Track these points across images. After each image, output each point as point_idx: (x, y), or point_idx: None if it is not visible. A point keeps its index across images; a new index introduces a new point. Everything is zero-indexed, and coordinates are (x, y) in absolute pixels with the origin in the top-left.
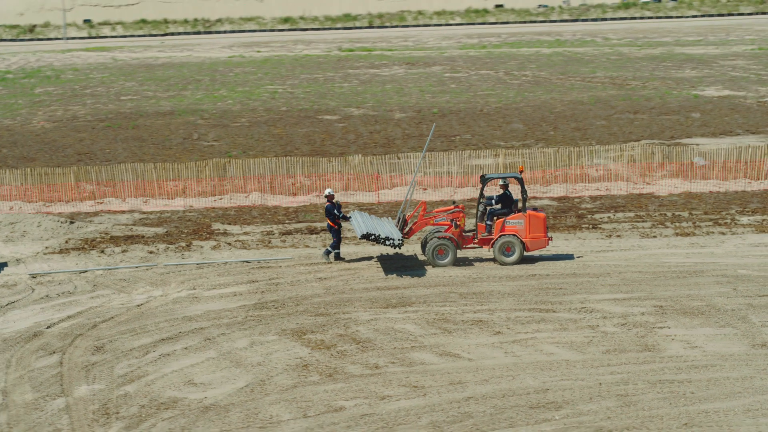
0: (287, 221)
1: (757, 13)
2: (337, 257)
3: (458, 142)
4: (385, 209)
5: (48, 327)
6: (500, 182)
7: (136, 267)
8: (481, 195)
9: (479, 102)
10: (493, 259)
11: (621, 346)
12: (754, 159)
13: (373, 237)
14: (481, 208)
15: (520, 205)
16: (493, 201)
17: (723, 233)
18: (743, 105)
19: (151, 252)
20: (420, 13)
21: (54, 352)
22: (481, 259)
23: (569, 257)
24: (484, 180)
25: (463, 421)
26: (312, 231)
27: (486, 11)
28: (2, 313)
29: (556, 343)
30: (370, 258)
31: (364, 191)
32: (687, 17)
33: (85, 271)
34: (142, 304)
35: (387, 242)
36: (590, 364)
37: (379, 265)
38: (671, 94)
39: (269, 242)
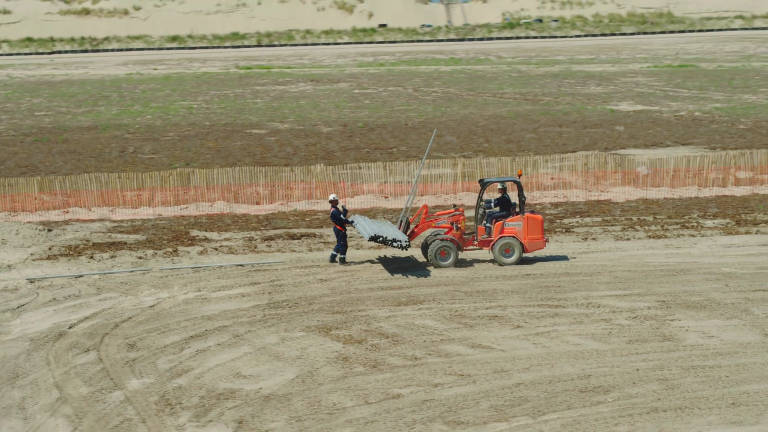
0: (262, 228)
1: (638, 33)
2: (342, 261)
3: (397, 153)
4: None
5: (70, 327)
6: (498, 186)
7: (132, 271)
8: (480, 198)
9: (401, 117)
10: (492, 260)
11: (641, 336)
12: (702, 167)
13: (381, 239)
14: (480, 211)
15: (518, 208)
16: (492, 204)
17: (693, 236)
18: (661, 119)
19: (140, 257)
20: (308, 32)
21: (88, 350)
22: (477, 261)
23: (555, 258)
24: (484, 184)
25: (521, 405)
26: (292, 237)
27: (373, 30)
28: (16, 315)
29: (578, 335)
30: (362, 261)
31: (327, 199)
32: (571, 37)
33: (82, 276)
34: (153, 306)
35: (394, 244)
36: (619, 353)
37: (376, 267)
38: (587, 109)
39: (255, 247)
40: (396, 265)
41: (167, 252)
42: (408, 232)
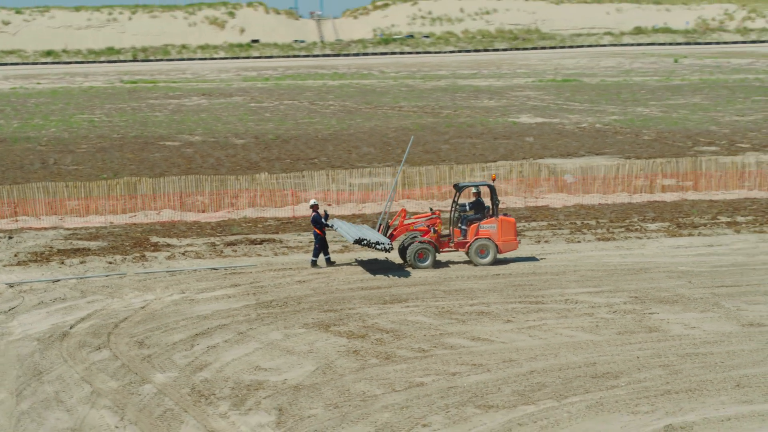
0: (219, 234)
1: (511, 49)
2: (314, 264)
3: (319, 163)
4: (302, 222)
5: (71, 327)
6: (473, 190)
7: (107, 275)
8: (455, 202)
9: (308, 129)
10: (465, 261)
11: (628, 328)
12: (630, 174)
13: (365, 242)
14: (455, 214)
15: (491, 211)
16: (467, 207)
17: (639, 238)
18: (565, 130)
19: (110, 263)
20: (183, 46)
21: (99, 348)
22: (451, 262)
23: (518, 260)
24: (459, 188)
25: (541, 390)
26: (253, 242)
27: (249, 45)
28: (11, 317)
29: (568, 327)
30: (332, 264)
31: (273, 207)
32: (446, 52)
33: (59, 280)
34: (144, 307)
35: (378, 246)
36: (614, 343)
37: (349, 269)
38: (489, 121)
39: (221, 252)
40: (369, 267)
41: (136, 257)
42: (387, 235)
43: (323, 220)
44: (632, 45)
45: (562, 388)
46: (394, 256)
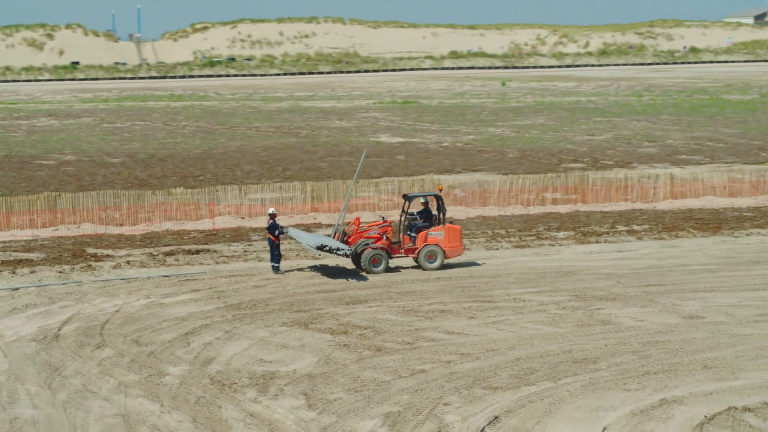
0: (150, 245)
1: (335, 72)
2: (276, 270)
3: (205, 180)
4: (226, 234)
5: (59, 329)
6: (421, 200)
7: (64, 283)
8: (403, 211)
9: (177, 148)
10: (413, 267)
11: (584, 322)
12: (524, 189)
13: (327, 248)
14: (405, 222)
15: (439, 219)
16: (416, 216)
17: (552, 245)
18: (430, 149)
19: (60, 272)
20: (8, 68)
21: (100, 347)
22: (400, 267)
23: (451, 265)
24: (409, 198)
25: (534, 374)
26: (189, 252)
27: (74, 67)
28: None
29: (529, 322)
30: (278, 271)
31: (190, 220)
32: (272, 75)
33: (18, 288)
34: (118, 311)
35: (339, 252)
36: (578, 334)
37: (298, 275)
38: (353, 141)
39: (164, 261)
40: (320, 272)
41: (83, 267)
42: (343, 242)
43: (278, 228)
44: (453, 68)
45: (551, 371)
46: (340, 262)
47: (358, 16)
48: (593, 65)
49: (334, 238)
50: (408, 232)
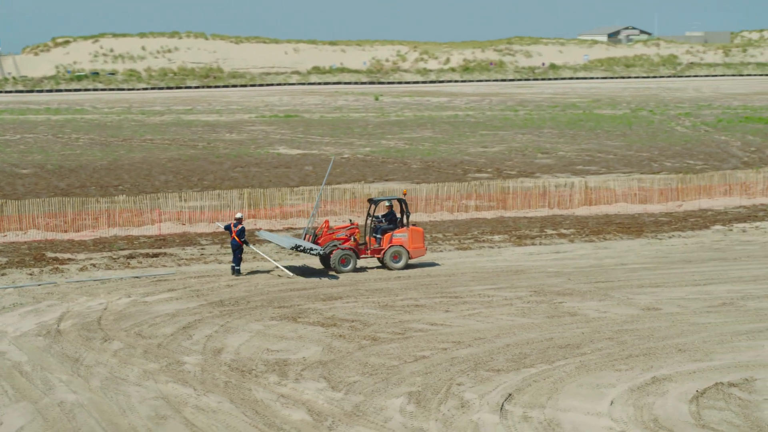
0: (105, 250)
1: (204, 87)
2: (237, 272)
3: (127, 189)
4: (175, 239)
5: (57, 325)
6: (386, 203)
7: (39, 284)
8: (368, 215)
9: (81, 160)
10: (377, 267)
11: (552, 313)
12: (449, 196)
13: (301, 248)
14: (371, 224)
15: (403, 222)
16: (382, 219)
17: (491, 247)
18: (328, 160)
19: (30, 274)
20: None
21: (107, 340)
22: (365, 268)
23: (408, 266)
24: (375, 202)
25: (527, 358)
26: (149, 255)
27: None
28: None
29: (502, 314)
30: (239, 274)
31: (134, 226)
32: (140, 89)
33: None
34: (106, 308)
35: (312, 251)
36: (552, 324)
37: (265, 276)
38: (253, 152)
39: (128, 264)
40: (277, 273)
41: (52, 269)
42: (314, 243)
43: (243, 232)
44: (320, 84)
45: (542, 356)
46: (308, 262)
47: (219, 31)
48: (457, 81)
49: (304, 239)
50: (374, 234)
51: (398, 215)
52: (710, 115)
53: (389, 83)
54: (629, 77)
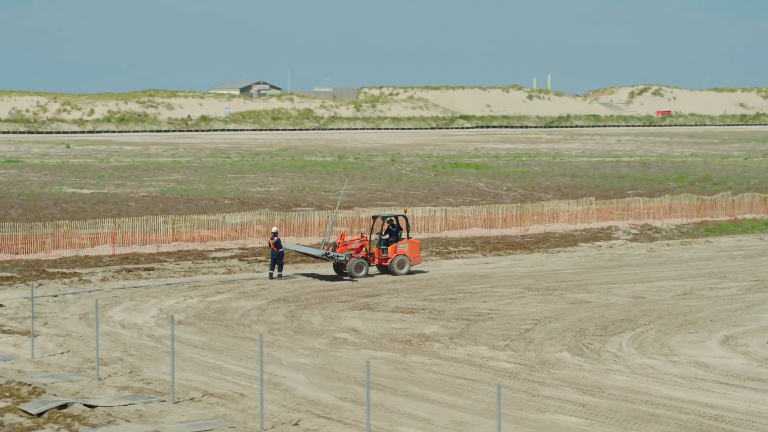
0: (91, 266)
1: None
2: (280, 276)
3: (63, 215)
4: (140, 257)
5: (174, 315)
6: (388, 219)
7: (90, 291)
8: (372, 230)
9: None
10: (379, 274)
11: (569, 301)
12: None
13: (329, 256)
14: (376, 238)
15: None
16: (386, 233)
17: (432, 260)
18: (143, 198)
19: (65, 283)
20: None
21: (228, 326)
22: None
23: (370, 276)
24: (383, 218)
25: (610, 326)
26: (145, 269)
27: None
28: (102, 315)
29: (528, 304)
30: (276, 277)
31: (84, 248)
32: None
33: (57, 296)
34: (189, 306)
35: (339, 258)
36: (581, 309)
37: (289, 280)
38: (49, 191)
39: (140, 275)
40: (287, 281)
41: (78, 280)
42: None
43: (280, 243)
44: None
45: (619, 326)
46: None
47: None
48: (114, 131)
49: (326, 249)
50: (380, 245)
51: (396, 229)
52: (410, 162)
53: (47, 133)
54: (281, 129)
